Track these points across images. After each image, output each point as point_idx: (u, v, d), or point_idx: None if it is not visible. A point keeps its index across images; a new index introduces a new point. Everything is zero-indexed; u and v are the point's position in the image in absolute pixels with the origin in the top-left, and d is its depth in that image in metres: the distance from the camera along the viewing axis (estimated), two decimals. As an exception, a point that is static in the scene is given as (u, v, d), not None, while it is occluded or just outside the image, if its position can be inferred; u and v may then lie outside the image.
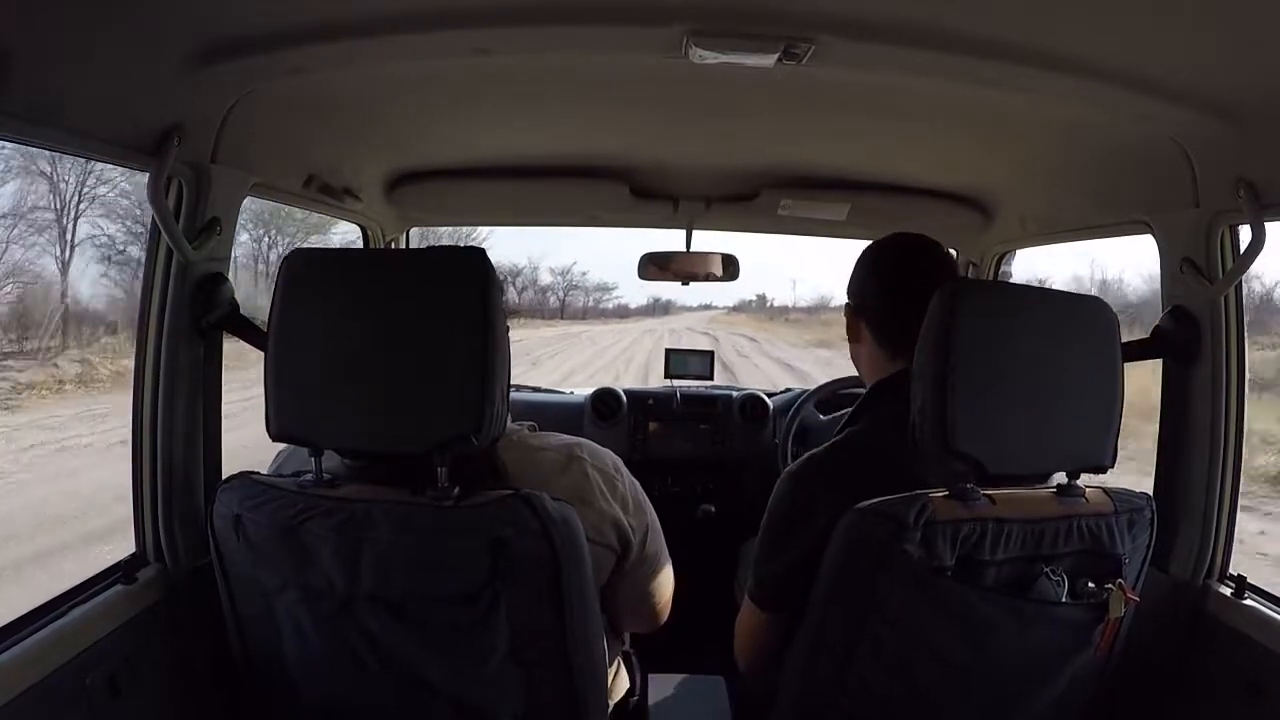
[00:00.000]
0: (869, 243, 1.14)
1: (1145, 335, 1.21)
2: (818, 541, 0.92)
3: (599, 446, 1.00)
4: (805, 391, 2.04)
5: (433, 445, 0.83)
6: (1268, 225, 1.03)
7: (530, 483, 0.86)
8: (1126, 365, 0.99)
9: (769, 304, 52.80)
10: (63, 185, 13.33)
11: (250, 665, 0.96)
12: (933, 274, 1.04)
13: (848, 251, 1.67)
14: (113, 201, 13.93)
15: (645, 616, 1.10)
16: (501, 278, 1.00)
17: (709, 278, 2.01)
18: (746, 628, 1.08)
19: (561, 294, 46.74)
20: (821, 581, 0.92)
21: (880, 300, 1.08)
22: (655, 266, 1.99)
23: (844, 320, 1.14)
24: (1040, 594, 0.90)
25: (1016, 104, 1.12)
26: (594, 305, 48.32)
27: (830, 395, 1.97)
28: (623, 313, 48.70)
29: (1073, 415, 0.93)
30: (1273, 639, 1.03)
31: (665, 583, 1.09)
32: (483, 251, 0.85)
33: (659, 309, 50.66)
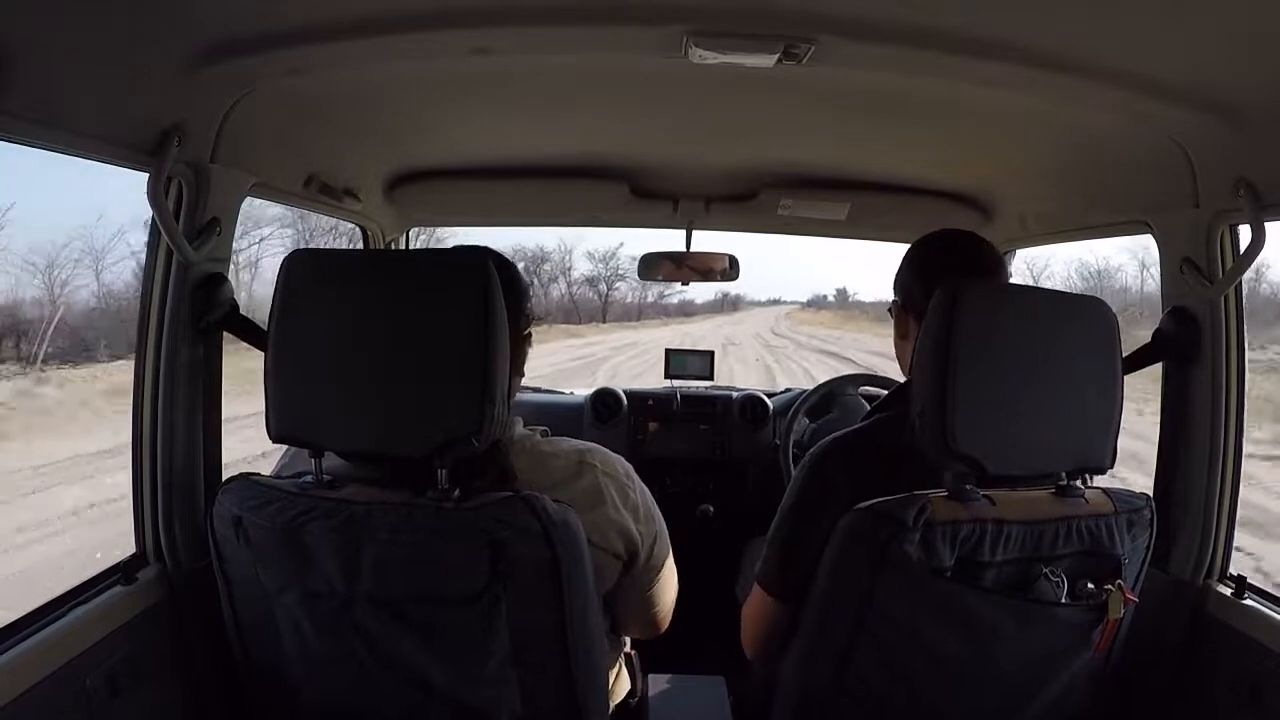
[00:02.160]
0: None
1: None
2: (831, 528, 0.92)
3: (610, 453, 0.99)
4: (805, 392, 2.04)
5: (433, 447, 0.83)
6: (1268, 225, 1.03)
7: (542, 488, 0.86)
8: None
9: (851, 299, 46.32)
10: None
11: (250, 666, 0.95)
12: (976, 266, 1.04)
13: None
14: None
15: (648, 623, 1.10)
16: (524, 268, 0.99)
17: (710, 277, 2.01)
18: (755, 614, 1.08)
19: (604, 288, 36.44)
20: (821, 581, 0.92)
21: (926, 295, 1.08)
22: (655, 267, 2.00)
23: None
24: (1040, 595, 0.90)
25: (1016, 104, 1.12)
26: (652, 302, 38.18)
27: (824, 396, 1.97)
28: (687, 310, 39.88)
29: (1072, 415, 0.93)
30: (1273, 639, 1.03)
31: (669, 590, 1.09)
32: (485, 252, 0.85)
33: (727, 305, 43.66)
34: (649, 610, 1.07)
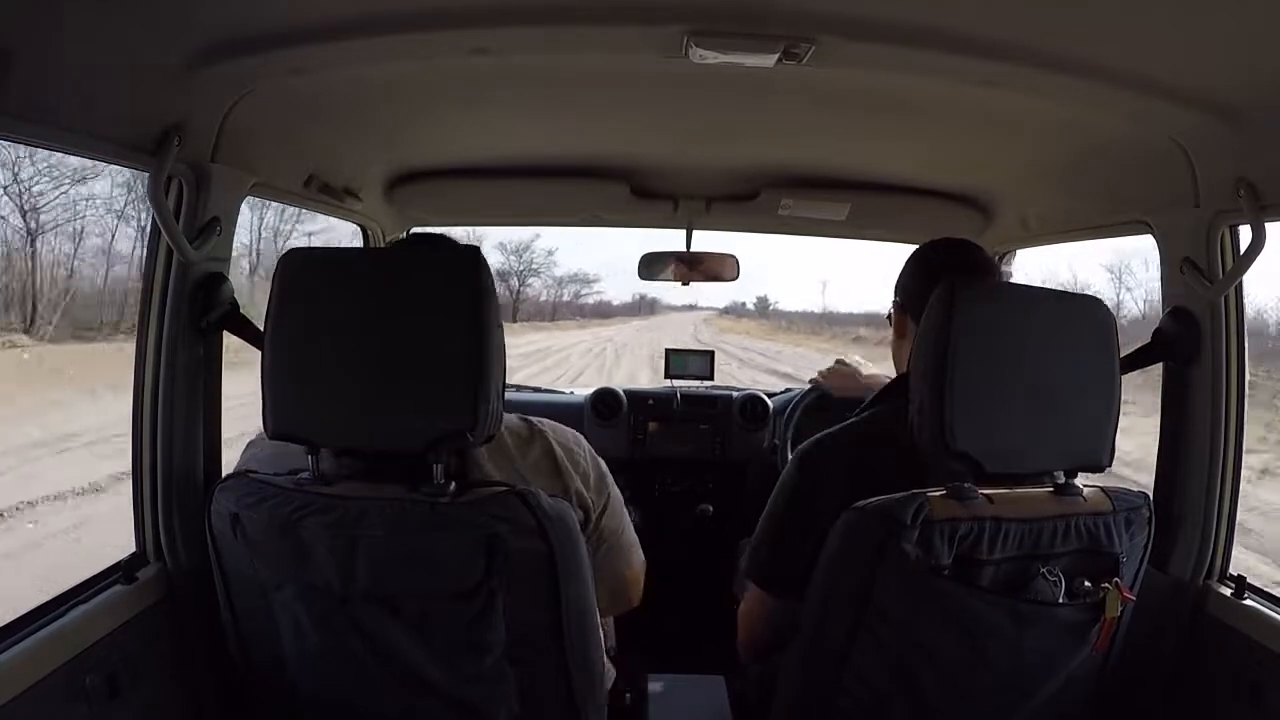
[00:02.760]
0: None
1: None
2: (823, 523, 0.92)
3: (560, 425, 1.02)
4: (805, 391, 2.04)
5: (428, 443, 0.83)
6: (1268, 225, 1.03)
7: (498, 459, 0.88)
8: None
9: (771, 307, 45.77)
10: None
11: (248, 663, 0.96)
12: (973, 272, 1.05)
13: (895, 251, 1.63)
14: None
15: (615, 595, 1.08)
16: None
17: (709, 278, 2.01)
18: (750, 612, 1.08)
19: (515, 284, 33.33)
20: (819, 579, 0.92)
21: (925, 297, 1.08)
22: (655, 267, 2.00)
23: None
24: (1037, 593, 0.90)
25: (1016, 104, 1.12)
26: (568, 301, 36.61)
27: (823, 396, 1.97)
28: (604, 311, 38.92)
29: (1070, 414, 0.93)
30: (1273, 639, 1.03)
31: (630, 557, 1.07)
32: (477, 251, 0.85)
33: (644, 308, 43.08)
34: (615, 579, 1.05)
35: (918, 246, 1.15)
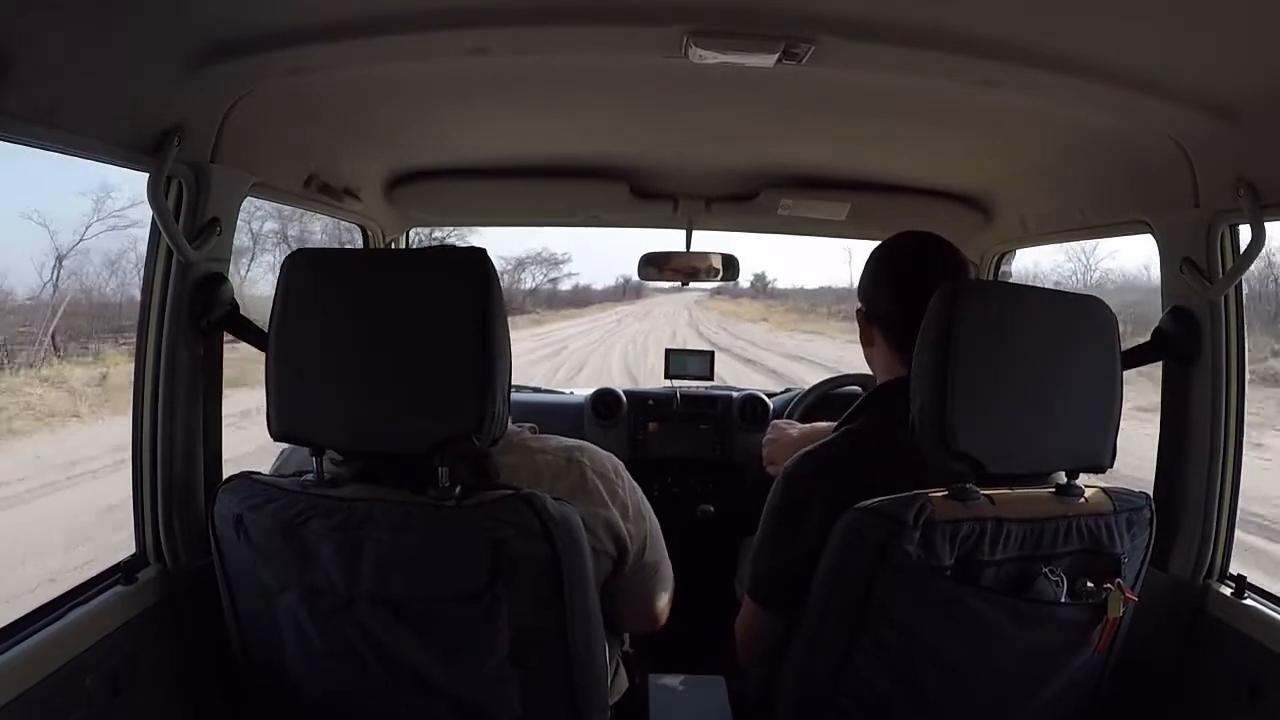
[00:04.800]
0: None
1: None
2: (814, 539, 0.92)
3: (599, 450, 1.00)
4: (804, 391, 2.05)
5: (433, 445, 0.83)
6: (1268, 225, 1.03)
7: (528, 484, 0.86)
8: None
9: (770, 285, 40.87)
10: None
11: (250, 665, 0.96)
12: (942, 271, 1.04)
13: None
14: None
15: (645, 618, 1.10)
16: None
17: (709, 277, 2.02)
18: (746, 624, 1.08)
19: None
20: (820, 580, 0.92)
21: (891, 301, 1.07)
22: (655, 267, 2.00)
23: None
24: (1039, 594, 0.90)
25: (1016, 104, 1.12)
26: (533, 288, 30.61)
27: (822, 397, 1.97)
28: (580, 299, 33.27)
29: (1072, 415, 0.93)
30: (1273, 639, 1.03)
31: (664, 588, 1.09)
32: (483, 251, 0.85)
33: (630, 292, 36.74)
34: (646, 606, 1.07)
35: (876, 245, 1.12)
